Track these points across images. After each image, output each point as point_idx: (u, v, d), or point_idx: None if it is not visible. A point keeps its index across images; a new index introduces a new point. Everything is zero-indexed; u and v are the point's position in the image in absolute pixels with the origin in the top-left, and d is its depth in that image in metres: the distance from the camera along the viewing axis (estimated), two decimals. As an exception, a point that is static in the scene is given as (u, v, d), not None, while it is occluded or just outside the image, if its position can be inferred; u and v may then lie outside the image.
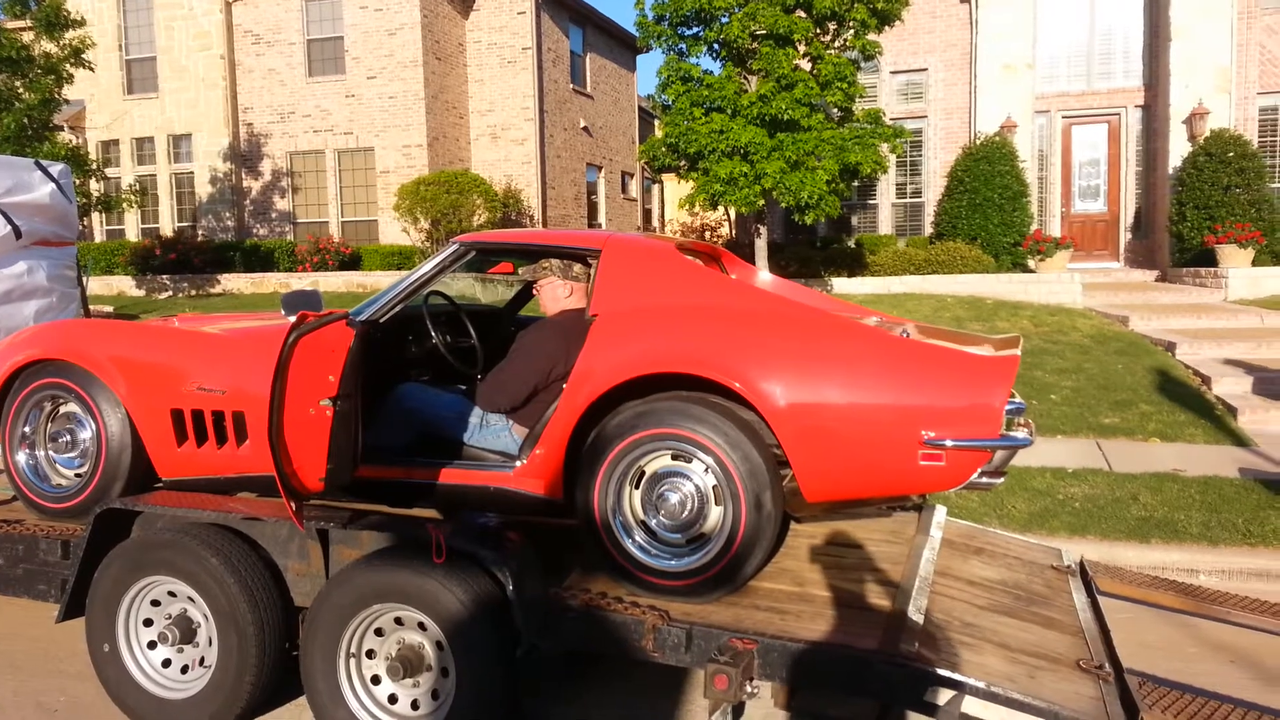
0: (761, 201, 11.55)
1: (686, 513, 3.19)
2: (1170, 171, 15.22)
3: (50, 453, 4.03)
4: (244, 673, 3.26)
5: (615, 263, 3.51)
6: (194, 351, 3.84)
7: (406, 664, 3.13)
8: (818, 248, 16.43)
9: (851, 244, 16.49)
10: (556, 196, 22.71)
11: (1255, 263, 13.20)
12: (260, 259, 19.55)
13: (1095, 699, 2.83)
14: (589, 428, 3.34)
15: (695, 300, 3.39)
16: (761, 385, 3.10)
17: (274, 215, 21.26)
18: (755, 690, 2.87)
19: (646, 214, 29.35)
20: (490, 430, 3.74)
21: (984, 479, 3.13)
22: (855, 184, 13.41)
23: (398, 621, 3.18)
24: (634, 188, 27.97)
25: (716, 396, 3.25)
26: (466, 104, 21.72)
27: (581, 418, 3.32)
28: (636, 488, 3.28)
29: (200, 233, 21.14)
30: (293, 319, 3.57)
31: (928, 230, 16.87)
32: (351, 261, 19.62)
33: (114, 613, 3.45)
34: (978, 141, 15.48)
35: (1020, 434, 3.12)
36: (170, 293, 18.19)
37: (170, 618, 3.44)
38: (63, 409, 4.03)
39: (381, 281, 18.80)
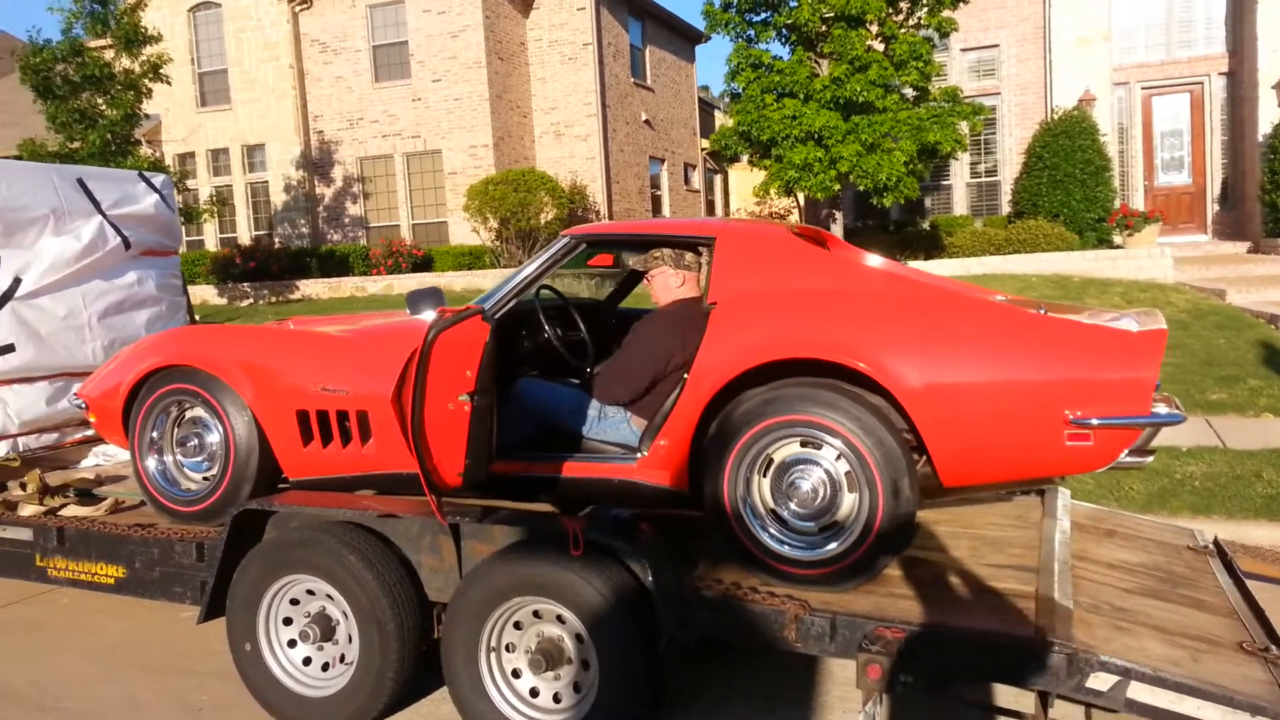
0: (837, 186, 11.40)
1: (819, 500, 3.14)
2: (1260, 139, 14.67)
3: (178, 457, 4.12)
4: (386, 669, 3.30)
5: (732, 250, 3.46)
6: (316, 353, 3.89)
7: (547, 657, 3.13)
8: (891, 231, 16.19)
9: (926, 226, 16.21)
10: (621, 190, 22.73)
11: (1357, 230, 12.66)
12: (336, 264, 19.91)
13: (1267, 682, 2.71)
14: (713, 417, 3.31)
15: (816, 284, 3.34)
16: (894, 367, 3.04)
17: (347, 220, 21.62)
18: (908, 680, 2.81)
19: (709, 205, 29.24)
20: (609, 422, 3.73)
21: (1131, 458, 3.03)
22: (932, 164, 13.15)
23: (536, 615, 3.18)
24: (696, 179, 27.88)
25: (841, 383, 3.19)
26: (530, 102, 21.83)
27: (706, 407, 3.29)
28: (765, 476, 3.24)
29: (276, 240, 21.60)
30: (419, 316, 3.61)
31: (1005, 209, 16.50)
32: (424, 263, 19.87)
33: (254, 612, 3.52)
34: (1055, 116, 15.10)
35: (1167, 410, 3.01)
36: (251, 300, 18.62)
37: (309, 616, 3.50)
38: (189, 414, 4.12)
39: (456, 282, 19.00)
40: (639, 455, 3.51)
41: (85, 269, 5.25)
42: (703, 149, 28.29)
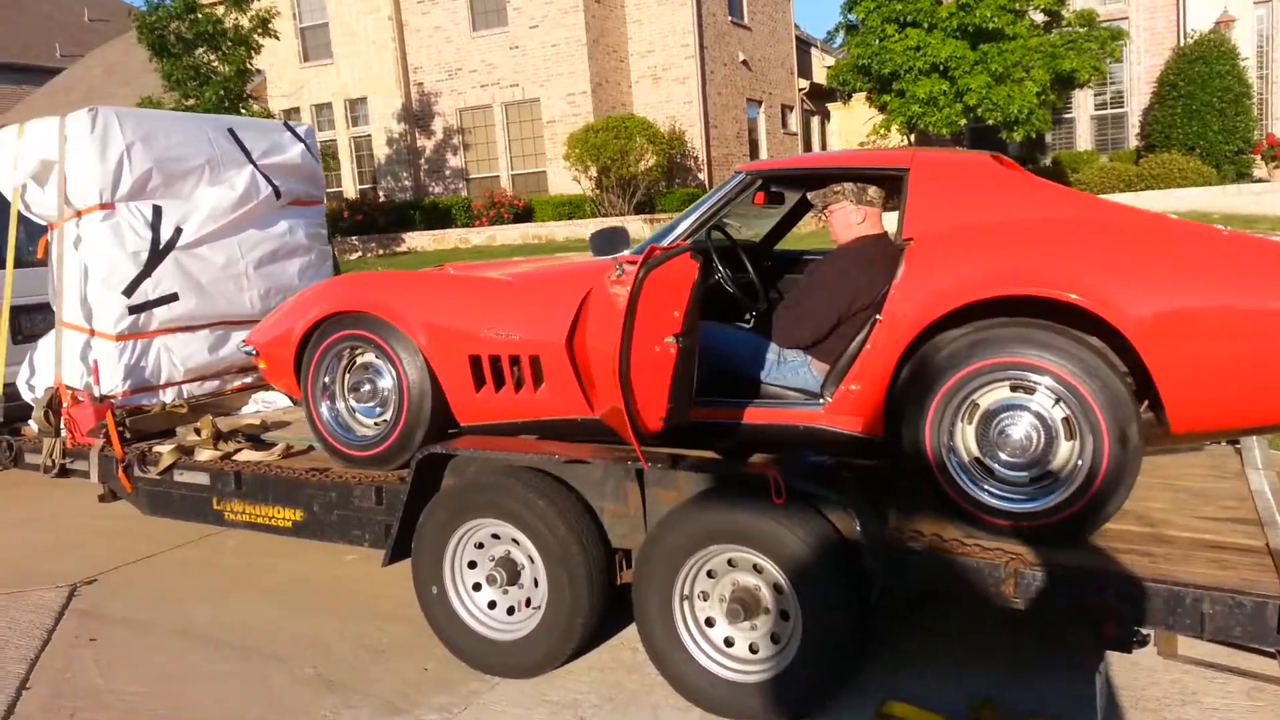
0: (963, 121, 10.94)
1: (1033, 449, 2.96)
2: None
3: (351, 402, 4.14)
4: (576, 614, 3.28)
5: (929, 181, 3.27)
6: (488, 298, 3.85)
7: (744, 606, 3.06)
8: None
9: (1048, 162, 15.49)
10: (719, 136, 22.33)
11: None
12: (439, 216, 20.10)
13: None
14: (909, 360, 3.15)
15: (1024, 214, 3.13)
16: (1123, 300, 2.82)
17: (448, 172, 21.77)
18: (1146, 636, 2.65)
19: (807, 147, 28.56)
20: (788, 366, 3.60)
21: None
22: (1065, 96, 12.52)
23: (730, 563, 3.10)
24: (794, 121, 27.23)
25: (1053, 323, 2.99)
26: (626, 46, 21.51)
27: (906, 350, 3.13)
28: (970, 423, 3.07)
29: (381, 193, 21.90)
30: (603, 258, 3.52)
31: (1132, 143, 15.67)
32: (524, 214, 19.93)
33: (440, 556, 3.53)
34: (1190, 41, 14.17)
35: None
36: (360, 253, 18.94)
37: (494, 560, 3.49)
38: (360, 359, 4.13)
39: (557, 232, 19.00)
40: (823, 400, 3.38)
41: (240, 219, 5.31)
42: (800, 89, 27.59)
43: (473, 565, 3.57)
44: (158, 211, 4.96)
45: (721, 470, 3.17)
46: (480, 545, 3.54)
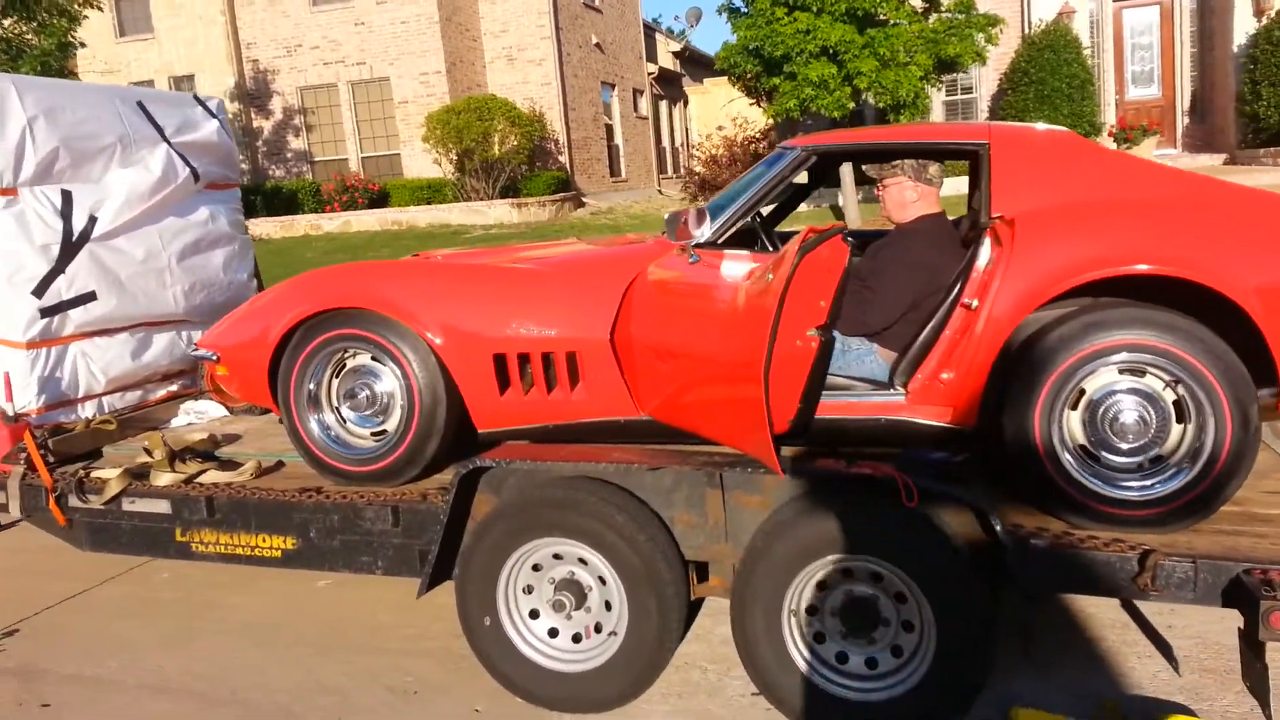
0: (851, 104, 11.06)
1: (1147, 434, 2.86)
2: (1235, 50, 14.77)
3: (345, 411, 3.64)
4: (664, 638, 2.95)
5: (1017, 156, 3.11)
6: (515, 290, 3.45)
7: (860, 618, 2.82)
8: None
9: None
10: (577, 118, 22.00)
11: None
12: (283, 201, 18.86)
13: None
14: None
15: (1126, 191, 3.02)
16: (1244, 276, 2.75)
17: (289, 155, 20.46)
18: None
19: (657, 132, 28.58)
20: (853, 355, 3.38)
21: None
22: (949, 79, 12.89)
23: (846, 574, 2.86)
24: (644, 105, 27.18)
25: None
26: (479, 25, 20.83)
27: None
28: (1075, 409, 2.94)
29: (215, 178, 20.31)
30: (678, 241, 3.17)
31: (981, 128, 16.39)
32: (380, 198, 19.00)
33: (494, 582, 3.11)
34: (1039, 29, 14.93)
35: None
36: (199, 242, 17.48)
37: (555, 583, 3.11)
38: (351, 363, 3.63)
39: (419, 218, 18.19)
40: (902, 391, 3.18)
41: (159, 205, 4.61)
42: (650, 73, 27.57)
43: (528, 590, 3.17)
44: (68, 197, 4.22)
45: (822, 473, 2.91)
46: (537, 567, 3.15)
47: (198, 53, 20.13)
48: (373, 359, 3.59)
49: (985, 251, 3.09)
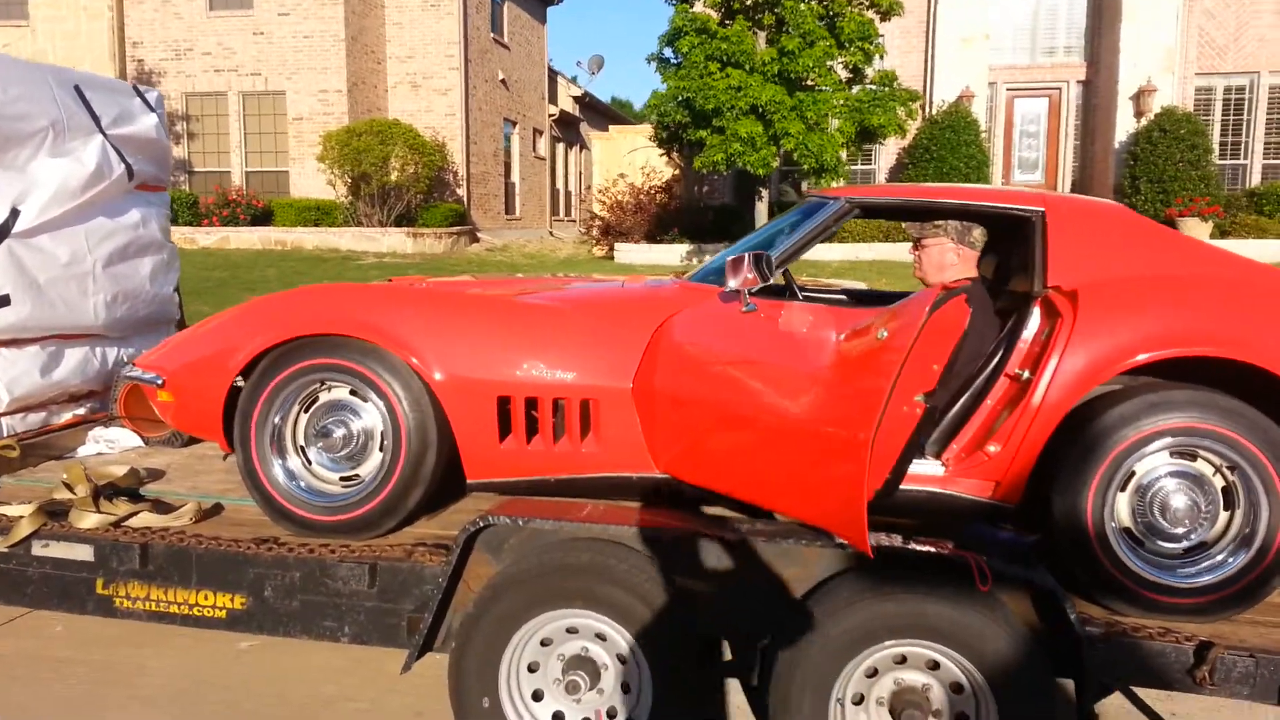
0: (776, 163, 11.15)
1: (1195, 519, 2.77)
2: (1117, 146, 15.76)
3: (315, 453, 3.22)
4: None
5: (1075, 226, 3.02)
6: (531, 326, 3.14)
7: (909, 711, 2.60)
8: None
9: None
10: (478, 152, 21.63)
11: (1211, 236, 13.82)
12: (160, 211, 17.68)
13: None
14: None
15: (1185, 267, 2.97)
16: None
17: (169, 163, 19.27)
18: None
19: (553, 173, 28.42)
20: (884, 423, 3.20)
21: None
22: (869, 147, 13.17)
23: (899, 660, 2.63)
24: (543, 146, 27.01)
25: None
26: (384, 49, 20.27)
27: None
28: (1123, 490, 2.83)
29: (83, 180, 18.93)
30: (733, 284, 2.91)
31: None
32: (263, 216, 18.09)
33: (496, 658, 2.74)
34: (942, 109, 15.54)
35: None
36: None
37: (565, 659, 2.77)
38: (324, 398, 3.22)
39: (305, 240, 17.38)
40: (934, 459, 3.01)
41: (89, 202, 4.07)
42: (551, 115, 27.46)
43: (533, 668, 2.81)
44: (-15, 184, 3.66)
45: (903, 552, 2.68)
46: (546, 642, 2.80)
47: (77, 46, 18.82)
48: (352, 393, 3.20)
49: (1034, 321, 2.98)
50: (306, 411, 3.25)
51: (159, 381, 3.33)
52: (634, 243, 16.48)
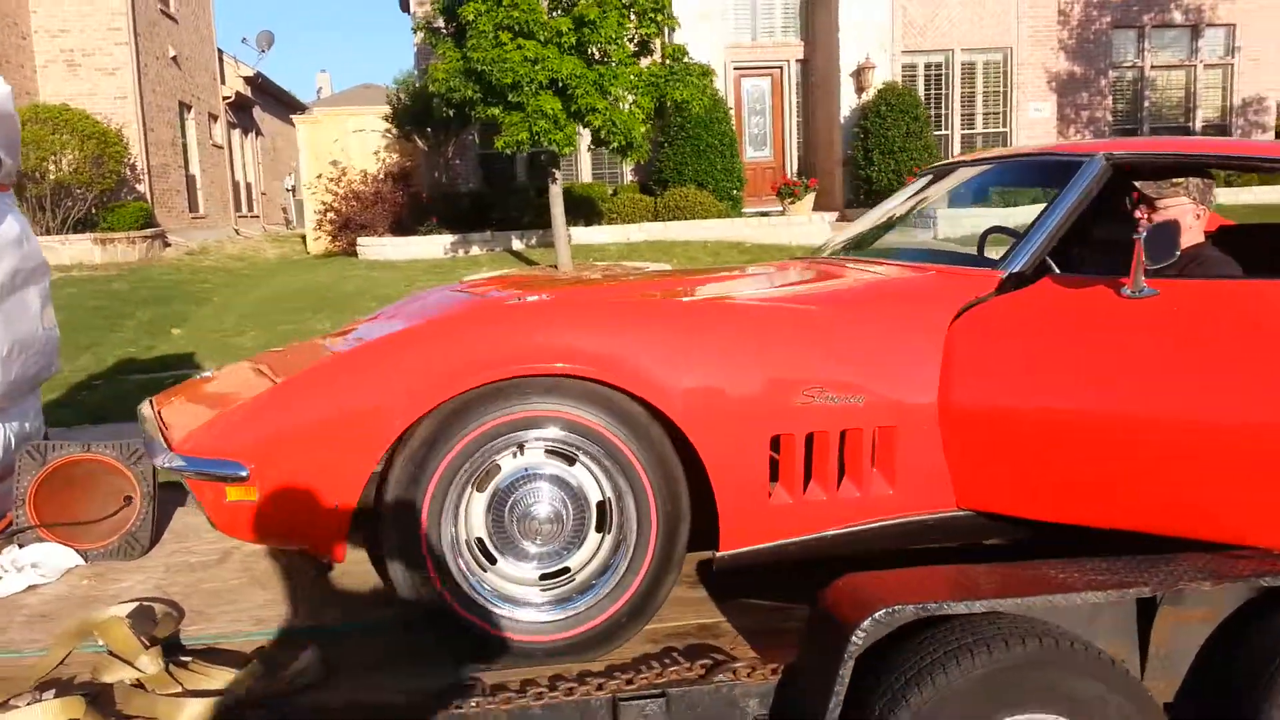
0: (579, 141, 10.48)
1: None
2: (843, 120, 16.68)
3: (507, 544, 2.23)
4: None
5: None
6: (797, 337, 2.37)
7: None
8: (535, 196, 15.47)
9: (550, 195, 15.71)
10: (156, 141, 18.76)
11: (942, 202, 15.01)
12: None
13: None
14: None
15: None
16: None
17: None
18: None
19: (232, 161, 25.43)
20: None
21: None
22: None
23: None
24: (219, 132, 24.06)
25: None
26: (29, 20, 16.87)
27: None
28: None
29: None
30: (1159, 265, 2.30)
31: (628, 178, 16.71)
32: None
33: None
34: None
35: None
36: None
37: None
38: (506, 465, 2.25)
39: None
40: None
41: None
42: (225, 98, 24.55)
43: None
44: None
45: None
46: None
47: None
48: (551, 454, 2.25)
49: None
50: (481, 490, 2.25)
51: (243, 474, 2.14)
52: (378, 235, 15.01)
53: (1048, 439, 2.30)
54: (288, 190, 32.01)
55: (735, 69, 17.57)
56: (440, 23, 10.65)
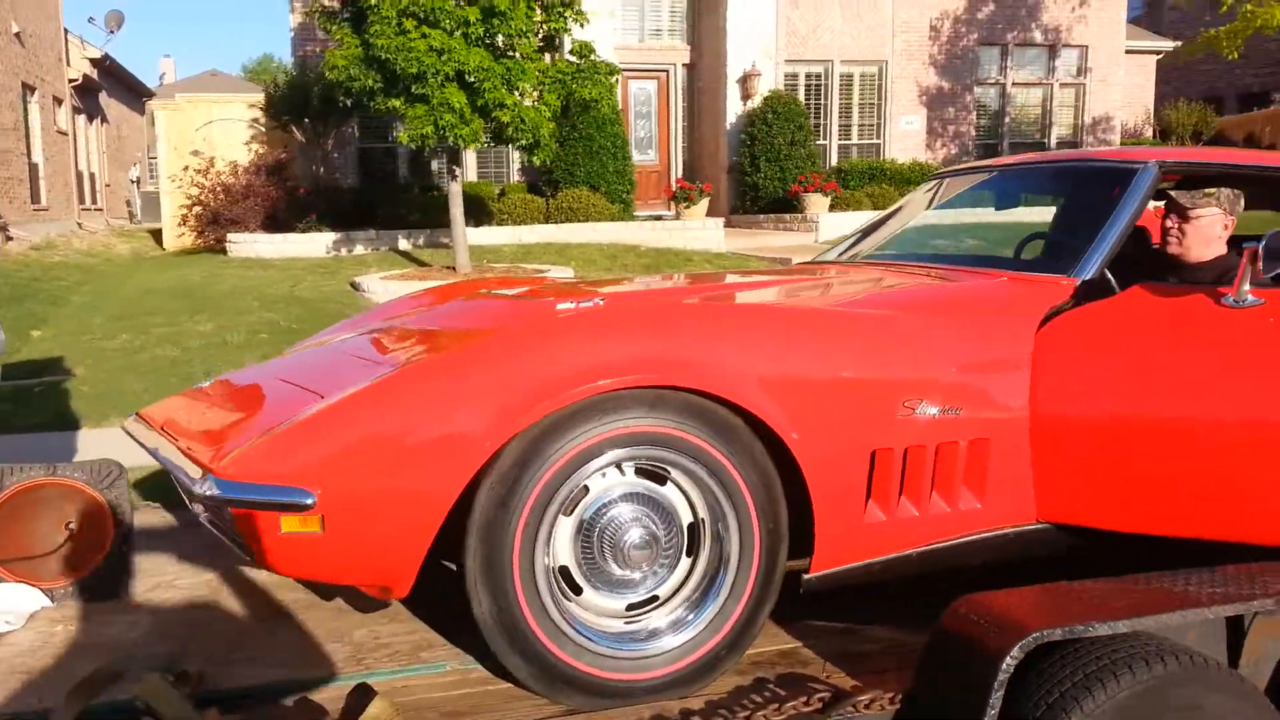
0: (485, 138, 10.14)
1: None
2: (728, 127, 16.83)
3: (612, 568, 2.02)
4: None
5: None
6: (892, 347, 2.25)
7: None
8: (420, 194, 14.96)
9: (439, 193, 15.22)
10: (-4, 124, 17.15)
11: (830, 208, 15.34)
12: None
13: None
14: None
15: None
16: None
17: None
18: None
19: (76, 149, 23.59)
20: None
21: None
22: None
23: None
24: (64, 118, 22.28)
25: None
26: None
27: None
28: None
29: None
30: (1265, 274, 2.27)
31: (514, 178, 16.37)
32: None
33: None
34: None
35: None
36: None
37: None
38: (594, 487, 2.04)
39: None
40: None
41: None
42: (72, 80, 22.76)
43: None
44: None
45: None
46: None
47: None
48: (641, 472, 2.07)
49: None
50: (568, 514, 2.03)
51: (308, 502, 1.84)
52: (250, 232, 14.16)
53: (1154, 449, 2.26)
54: (133, 182, 30.07)
55: (624, 70, 17.47)
56: (336, 4, 10.09)
